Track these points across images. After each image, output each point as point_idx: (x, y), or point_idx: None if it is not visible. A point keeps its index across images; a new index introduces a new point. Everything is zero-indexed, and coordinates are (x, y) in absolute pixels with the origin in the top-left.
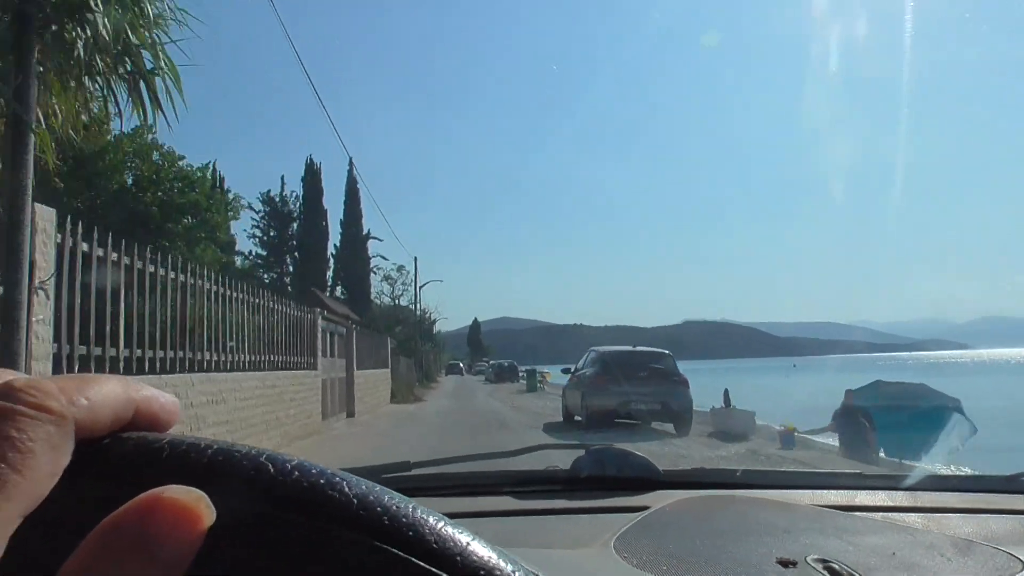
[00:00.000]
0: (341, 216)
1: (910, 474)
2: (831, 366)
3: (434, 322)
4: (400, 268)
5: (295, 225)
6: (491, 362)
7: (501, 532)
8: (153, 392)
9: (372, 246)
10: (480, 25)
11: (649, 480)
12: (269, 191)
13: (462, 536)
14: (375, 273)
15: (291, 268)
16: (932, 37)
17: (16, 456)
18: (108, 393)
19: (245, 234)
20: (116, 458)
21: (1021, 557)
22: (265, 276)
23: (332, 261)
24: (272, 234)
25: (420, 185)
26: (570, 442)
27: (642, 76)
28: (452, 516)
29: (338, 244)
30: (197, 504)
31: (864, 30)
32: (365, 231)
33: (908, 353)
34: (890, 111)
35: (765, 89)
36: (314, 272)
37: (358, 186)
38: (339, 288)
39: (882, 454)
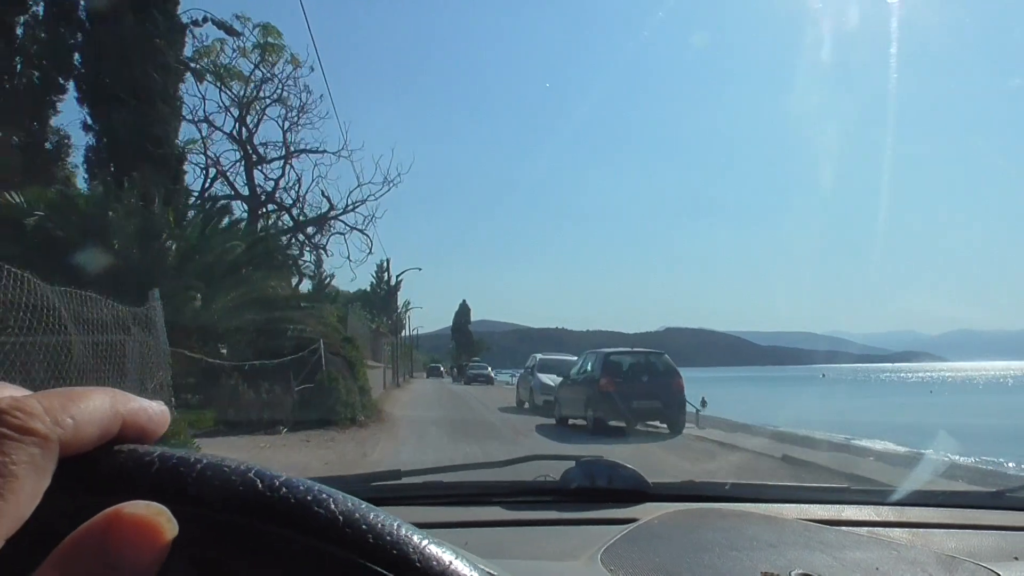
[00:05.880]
0: None
1: (896, 488)
2: (842, 378)
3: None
4: (264, 26)
5: None
6: (587, 354)
7: (490, 543)
8: (142, 403)
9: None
10: (464, 27)
11: (638, 492)
12: None
13: (445, 555)
14: (195, 68)
15: None
16: (917, 49)
17: (0, 481)
18: (95, 409)
19: None
20: (106, 472)
21: (1002, 574)
22: None
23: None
24: None
25: (401, 184)
26: (562, 453)
27: (625, 86)
28: (442, 526)
29: None
30: (158, 518)
31: (850, 42)
32: None
33: (898, 365)
34: (873, 122)
35: (746, 101)
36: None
37: None
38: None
39: None
